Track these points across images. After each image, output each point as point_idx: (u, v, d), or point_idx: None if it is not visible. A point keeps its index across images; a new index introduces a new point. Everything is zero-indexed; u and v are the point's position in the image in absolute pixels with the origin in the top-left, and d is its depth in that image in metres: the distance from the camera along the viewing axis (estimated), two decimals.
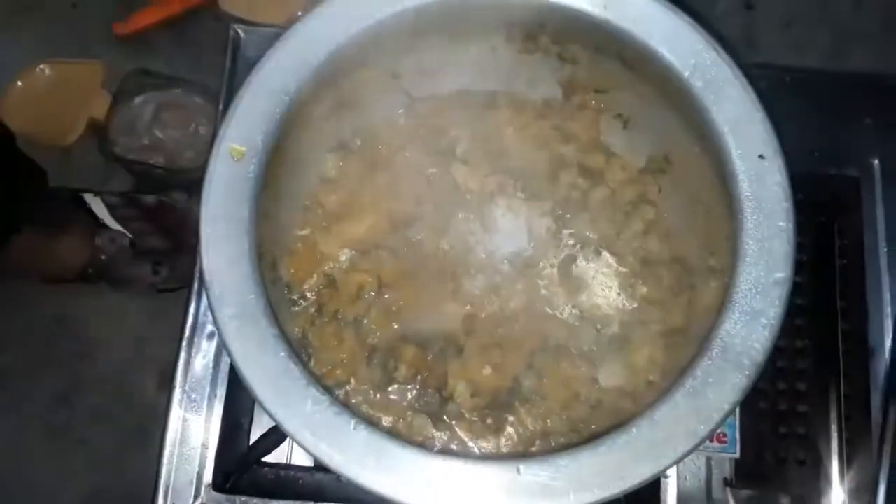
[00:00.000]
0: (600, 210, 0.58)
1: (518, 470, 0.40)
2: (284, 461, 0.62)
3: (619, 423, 0.43)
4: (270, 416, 0.42)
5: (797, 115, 0.70)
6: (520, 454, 0.51)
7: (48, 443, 1.00)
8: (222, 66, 0.71)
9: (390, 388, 0.55)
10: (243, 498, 0.59)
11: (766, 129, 0.45)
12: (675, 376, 0.44)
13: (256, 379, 0.42)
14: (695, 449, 0.40)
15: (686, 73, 0.46)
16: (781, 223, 0.43)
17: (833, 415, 0.60)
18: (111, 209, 0.93)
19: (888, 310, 0.66)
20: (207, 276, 0.43)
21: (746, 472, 0.61)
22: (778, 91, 0.71)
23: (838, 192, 0.68)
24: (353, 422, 0.42)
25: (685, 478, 0.61)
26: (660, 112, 0.53)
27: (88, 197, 0.92)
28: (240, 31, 0.71)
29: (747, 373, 0.41)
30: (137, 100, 0.98)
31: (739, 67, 0.46)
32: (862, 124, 0.71)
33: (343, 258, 0.58)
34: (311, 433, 0.41)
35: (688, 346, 0.50)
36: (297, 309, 0.57)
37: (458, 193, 0.59)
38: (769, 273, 0.43)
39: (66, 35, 1.13)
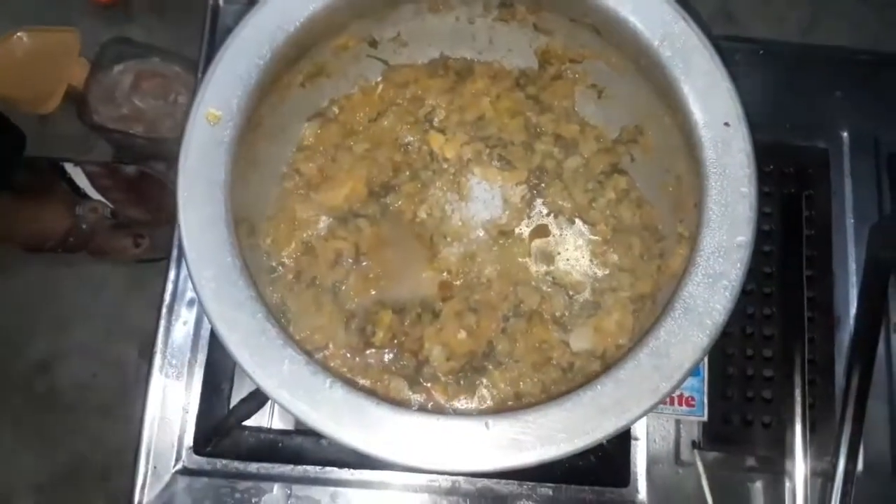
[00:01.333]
0: (574, 179, 0.59)
1: (487, 425, 0.42)
2: (265, 425, 0.63)
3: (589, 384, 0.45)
4: (248, 375, 0.43)
5: (769, 87, 0.72)
6: (491, 410, 0.53)
7: (31, 411, 1.01)
8: (201, 34, 0.71)
9: (368, 352, 0.56)
10: (224, 461, 0.60)
11: (731, 98, 0.46)
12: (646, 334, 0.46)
13: (234, 340, 0.43)
14: (657, 405, 0.42)
15: (655, 42, 0.47)
16: (744, 189, 0.45)
17: (798, 379, 0.62)
18: (92, 179, 0.93)
19: (853, 279, 0.67)
20: (185, 239, 0.44)
21: (714, 435, 0.63)
22: (750, 63, 0.72)
23: (807, 164, 0.69)
24: (328, 380, 0.43)
25: (654, 440, 0.63)
26: (632, 82, 0.54)
27: (69, 166, 0.92)
28: (219, 0, 0.71)
29: (708, 332, 0.43)
30: (116, 68, 0.98)
31: (708, 37, 0.47)
32: (832, 97, 0.72)
33: (321, 225, 0.59)
34: (289, 392, 0.42)
35: (656, 311, 0.51)
36: (275, 275, 0.57)
37: (434, 162, 0.60)
38: (731, 237, 0.44)
39: (43, 3, 1.12)
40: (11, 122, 0.80)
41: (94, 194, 0.92)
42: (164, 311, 0.64)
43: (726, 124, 0.45)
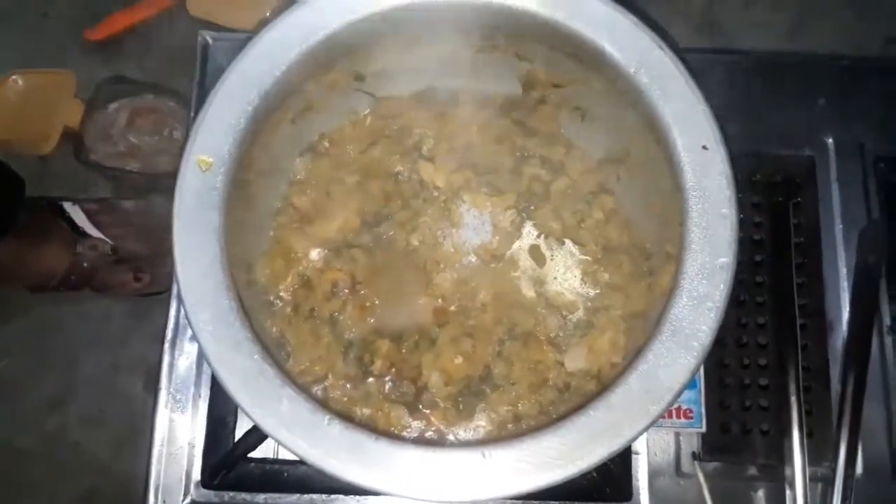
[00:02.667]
0: (562, 200, 0.60)
1: (483, 454, 0.42)
2: (270, 456, 0.64)
3: (585, 404, 0.46)
4: (248, 415, 0.44)
5: (753, 97, 0.73)
6: (488, 439, 0.54)
7: (42, 447, 1.02)
8: (192, 71, 0.72)
9: (367, 381, 0.57)
10: (231, 493, 0.61)
11: (708, 121, 0.47)
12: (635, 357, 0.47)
13: (233, 381, 0.44)
14: (648, 427, 0.43)
15: (632, 70, 0.48)
16: (724, 210, 0.45)
17: (793, 387, 0.62)
18: (90, 216, 0.94)
19: (844, 284, 0.68)
20: (182, 285, 0.45)
21: (713, 445, 0.63)
22: (734, 74, 0.73)
23: (794, 172, 0.70)
24: (326, 417, 0.44)
25: (655, 453, 0.64)
26: (614, 105, 0.55)
27: (67, 205, 0.93)
28: (208, 37, 0.72)
29: (695, 354, 0.44)
30: (111, 107, 0.99)
31: (683, 63, 0.48)
32: (816, 104, 0.73)
33: (316, 257, 0.60)
34: (288, 430, 0.43)
35: (648, 329, 0.52)
36: (273, 309, 0.58)
37: (425, 190, 0.61)
38: (713, 258, 0.45)
39: (37, 44, 1.14)
40: (10, 169, 0.81)
41: (93, 232, 0.93)
42: (166, 346, 0.65)
43: (704, 147, 0.46)
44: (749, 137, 0.70)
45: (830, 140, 0.72)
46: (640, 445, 0.62)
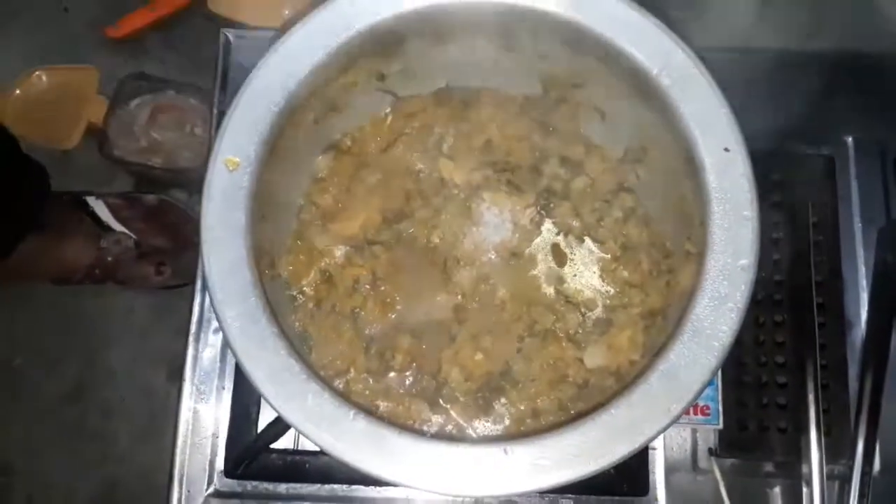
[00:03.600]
0: (581, 199, 0.61)
1: (505, 451, 0.43)
2: (292, 447, 0.65)
3: (604, 401, 0.46)
4: (275, 409, 0.45)
5: (772, 96, 0.73)
6: (508, 436, 0.54)
7: (63, 438, 1.04)
8: (214, 66, 0.73)
9: (388, 376, 0.57)
10: (254, 483, 0.63)
11: (730, 123, 0.47)
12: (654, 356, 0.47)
13: (260, 376, 0.45)
14: (668, 426, 0.43)
15: (654, 72, 0.48)
16: (746, 212, 0.46)
17: (811, 385, 0.63)
18: (114, 211, 0.95)
19: (863, 283, 0.68)
20: (210, 283, 0.46)
21: (730, 442, 0.64)
22: (753, 73, 0.73)
23: (813, 171, 0.71)
24: (351, 412, 0.45)
25: (672, 449, 0.64)
26: (634, 106, 0.55)
27: (91, 200, 0.94)
28: (230, 35, 0.73)
29: (716, 354, 0.44)
30: (133, 103, 1.00)
31: (704, 64, 0.48)
32: (836, 103, 0.73)
33: (338, 254, 0.61)
34: (314, 424, 0.44)
35: (667, 326, 0.52)
36: (296, 304, 0.59)
37: (445, 188, 0.62)
38: (735, 260, 0.45)
39: (56, 39, 1.15)
40: (36, 162, 0.83)
41: (116, 226, 0.95)
42: (191, 338, 0.66)
43: (726, 149, 0.47)
44: (768, 136, 0.70)
45: (850, 139, 0.72)
46: (657, 441, 0.63)
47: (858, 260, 0.69)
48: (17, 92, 1.03)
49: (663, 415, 0.43)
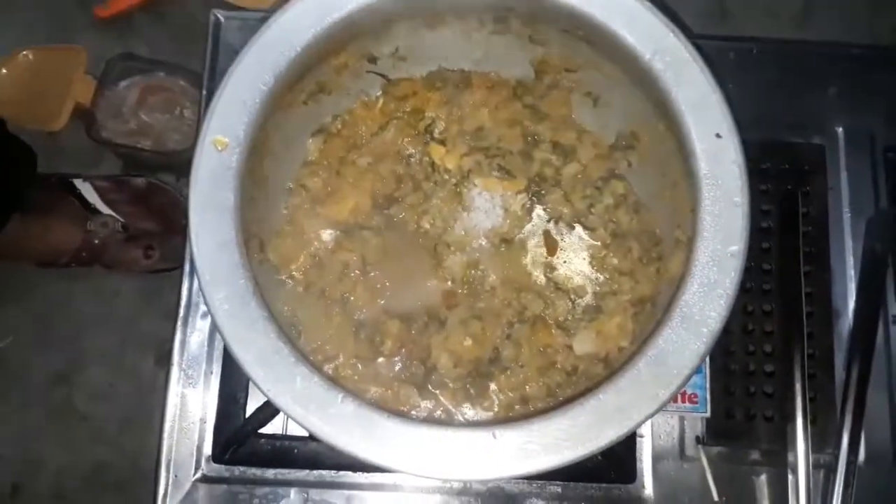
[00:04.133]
0: (573, 185, 0.61)
1: (494, 435, 0.43)
2: (280, 432, 0.65)
3: (593, 388, 0.46)
4: (263, 392, 0.45)
5: (764, 85, 0.73)
6: (497, 420, 0.54)
7: (51, 420, 1.03)
8: (204, 48, 0.72)
9: (377, 361, 0.57)
10: (242, 468, 0.62)
11: (722, 109, 0.47)
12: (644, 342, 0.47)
13: (249, 359, 0.45)
14: (657, 412, 0.43)
15: (647, 56, 0.48)
16: (737, 199, 0.46)
17: (798, 374, 0.63)
18: (101, 193, 0.94)
19: (851, 273, 0.69)
20: (198, 264, 0.46)
21: (717, 430, 0.64)
22: (745, 61, 0.73)
23: (803, 160, 0.70)
24: (340, 395, 0.44)
25: (659, 436, 0.64)
26: (626, 91, 0.55)
27: (78, 182, 0.93)
28: (220, 16, 0.72)
29: (705, 340, 0.44)
30: (122, 84, 0.99)
31: (697, 50, 0.48)
32: (827, 93, 0.73)
33: (328, 238, 0.60)
34: (302, 407, 0.44)
35: (656, 313, 0.53)
36: (285, 289, 0.59)
37: (436, 173, 0.61)
38: (725, 246, 0.45)
39: (44, 18, 1.13)
40: (23, 143, 0.82)
41: (103, 209, 0.94)
42: (178, 323, 0.66)
43: (718, 136, 0.46)
44: (759, 125, 0.70)
45: (840, 129, 0.72)
46: (644, 428, 0.63)
47: (847, 250, 0.69)
48: (3, 71, 1.02)
49: (651, 400, 0.43)
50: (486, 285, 0.59)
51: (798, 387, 0.63)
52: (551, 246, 0.60)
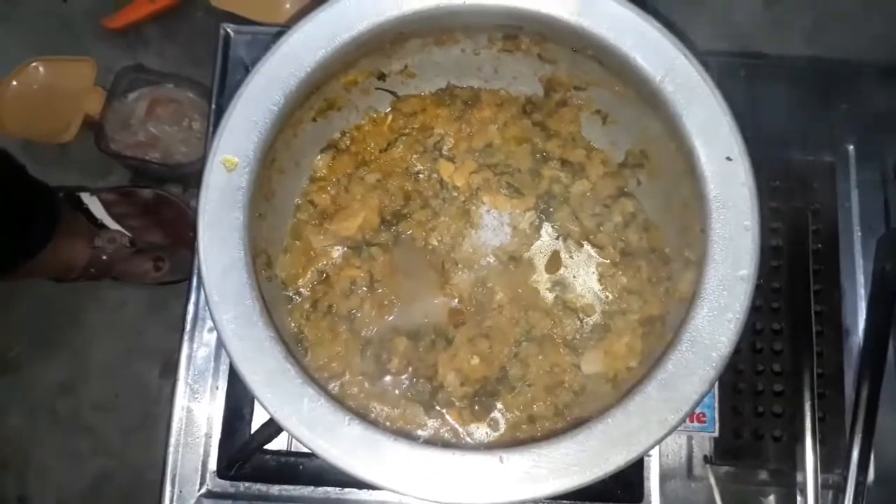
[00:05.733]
0: (581, 203, 0.60)
1: (501, 459, 0.43)
2: (286, 448, 0.64)
3: (601, 408, 0.46)
4: (270, 413, 0.44)
5: (774, 102, 0.72)
6: (503, 441, 0.54)
7: (55, 430, 1.03)
8: (212, 61, 0.72)
9: (384, 379, 0.57)
10: (247, 484, 0.62)
11: (733, 132, 0.47)
12: (652, 362, 0.47)
13: (255, 379, 0.45)
14: (665, 437, 0.43)
15: (657, 78, 0.48)
16: (747, 222, 0.46)
17: (807, 393, 0.63)
18: (108, 207, 0.94)
19: (861, 292, 0.68)
20: (206, 284, 0.46)
21: (725, 450, 0.64)
22: (755, 78, 0.73)
23: (814, 178, 0.70)
24: (346, 418, 0.44)
25: (667, 456, 0.64)
26: (636, 110, 0.55)
27: (85, 197, 0.93)
28: (229, 30, 0.73)
29: (714, 364, 0.44)
30: (131, 96, 1.00)
31: (707, 68, 0.48)
32: (837, 110, 0.73)
33: (335, 255, 0.60)
34: (308, 429, 0.44)
35: (665, 333, 0.52)
36: (292, 305, 0.59)
37: (444, 190, 0.61)
38: (735, 270, 0.45)
39: (54, 30, 1.14)
40: (46, 186, 0.83)
41: (111, 224, 0.94)
42: (185, 337, 0.66)
43: (728, 158, 0.46)
44: (769, 142, 0.70)
45: (851, 147, 0.72)
46: (645, 453, 0.63)
47: (857, 268, 0.69)
48: (14, 83, 1.02)
49: (660, 425, 0.43)
50: (494, 303, 0.59)
51: (807, 406, 0.62)
52: (558, 264, 0.60)
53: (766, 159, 0.68)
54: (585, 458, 0.43)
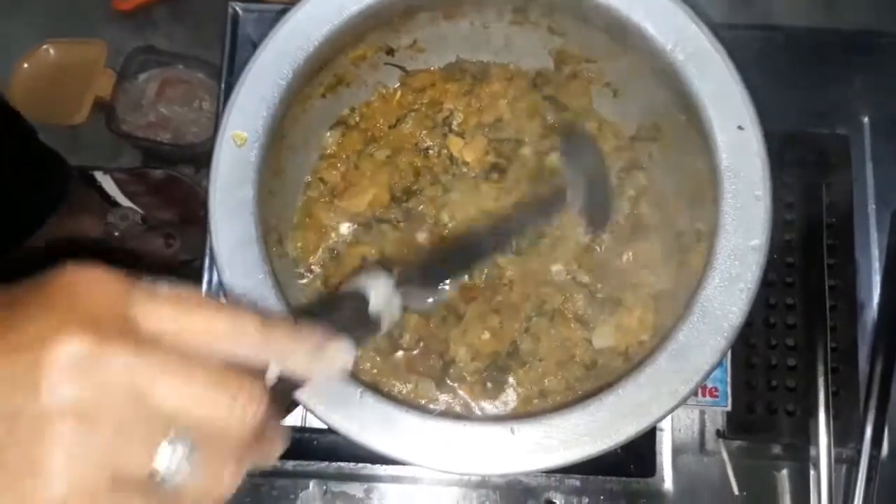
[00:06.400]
0: None
1: (512, 430, 0.43)
2: (300, 424, 0.65)
3: (612, 382, 0.46)
4: None
5: (788, 75, 0.71)
6: (515, 415, 0.54)
7: None
8: (221, 40, 0.72)
9: (395, 355, 0.57)
10: None
11: (744, 101, 0.46)
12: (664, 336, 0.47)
13: None
14: (676, 407, 0.43)
15: (668, 47, 0.48)
16: (758, 192, 0.45)
17: (821, 367, 0.62)
18: (121, 186, 0.95)
19: (876, 266, 0.67)
20: (219, 260, 0.46)
21: (738, 424, 0.63)
22: (770, 51, 0.72)
23: (828, 151, 0.69)
24: (359, 391, 0.44)
25: (679, 430, 0.64)
26: (648, 82, 0.55)
27: (99, 175, 0.94)
28: (238, 8, 0.72)
29: (726, 335, 0.44)
30: (141, 77, 1.00)
31: (719, 39, 0.47)
32: (852, 83, 0.71)
33: (346, 232, 0.60)
34: (322, 403, 0.44)
35: (677, 307, 0.52)
36: (304, 282, 0.59)
37: (454, 166, 0.61)
38: (747, 240, 0.45)
39: (64, 12, 1.14)
40: (56, 154, 0.83)
41: (123, 201, 0.95)
42: None
43: (740, 127, 0.46)
44: (782, 115, 0.68)
45: (866, 119, 0.70)
46: (664, 422, 0.63)
47: (872, 242, 0.68)
48: (25, 66, 1.03)
49: (671, 396, 0.43)
50: (505, 279, 0.59)
51: (821, 381, 0.62)
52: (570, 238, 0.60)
53: (779, 133, 0.67)
54: (596, 428, 0.43)
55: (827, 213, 0.67)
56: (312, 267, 0.60)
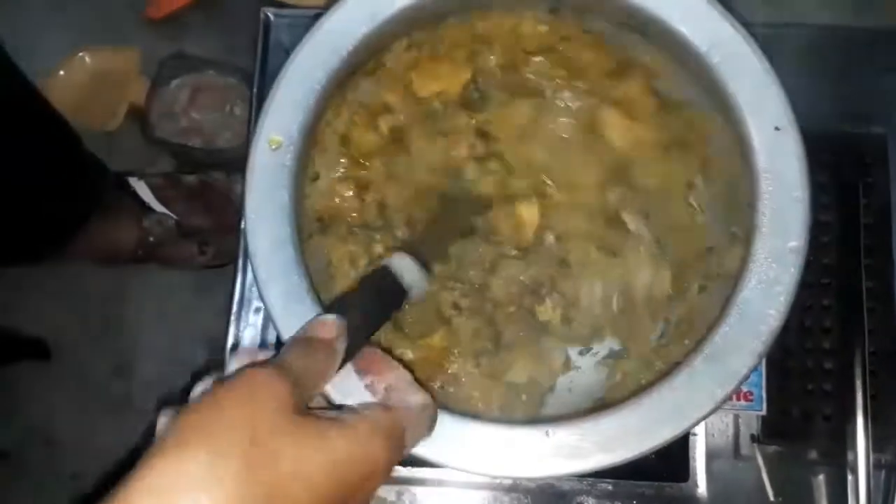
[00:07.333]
0: None
1: (547, 433, 0.43)
2: None
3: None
4: None
5: (824, 74, 0.70)
6: (549, 418, 0.54)
7: (109, 413, 1.06)
8: (253, 46, 0.73)
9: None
10: None
11: (781, 102, 0.46)
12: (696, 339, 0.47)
13: None
14: (713, 412, 0.42)
15: (704, 48, 0.47)
16: (797, 193, 0.45)
17: (859, 371, 0.61)
18: (155, 191, 0.97)
19: None
20: (255, 262, 0.46)
21: (773, 429, 0.63)
22: (804, 49, 0.71)
23: (864, 151, 0.68)
24: None
25: (713, 435, 0.63)
26: (682, 83, 0.54)
27: (133, 181, 0.96)
28: (270, 14, 0.73)
29: (763, 339, 0.43)
30: (174, 83, 1.01)
31: (755, 39, 0.47)
32: (889, 80, 0.70)
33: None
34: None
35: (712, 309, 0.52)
36: (334, 282, 0.59)
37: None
38: (785, 242, 0.44)
39: (98, 20, 1.16)
40: (99, 160, 0.84)
41: (157, 207, 0.96)
42: (232, 318, 0.67)
43: (777, 128, 0.45)
44: (818, 115, 0.67)
45: None
46: (698, 427, 0.62)
47: None
48: (61, 73, 1.05)
49: (707, 399, 0.43)
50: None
51: (858, 384, 0.61)
52: None
53: (814, 133, 0.66)
54: (631, 432, 0.42)
55: (864, 213, 0.66)
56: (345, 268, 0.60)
